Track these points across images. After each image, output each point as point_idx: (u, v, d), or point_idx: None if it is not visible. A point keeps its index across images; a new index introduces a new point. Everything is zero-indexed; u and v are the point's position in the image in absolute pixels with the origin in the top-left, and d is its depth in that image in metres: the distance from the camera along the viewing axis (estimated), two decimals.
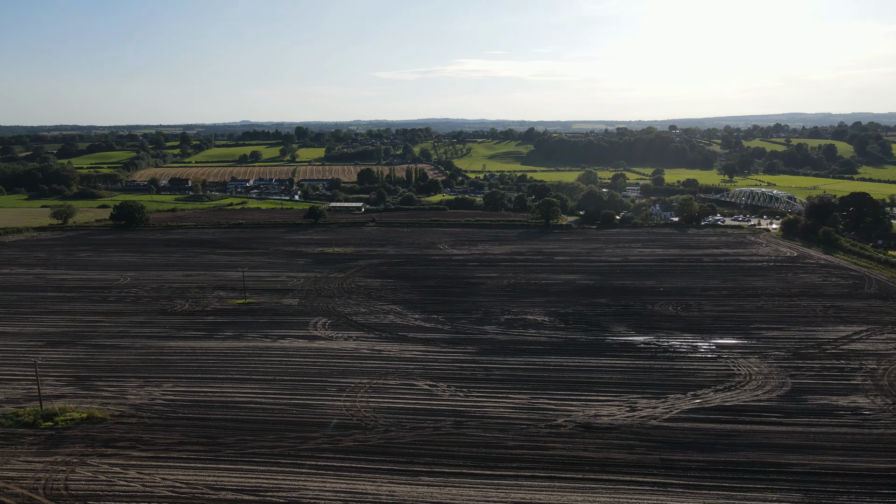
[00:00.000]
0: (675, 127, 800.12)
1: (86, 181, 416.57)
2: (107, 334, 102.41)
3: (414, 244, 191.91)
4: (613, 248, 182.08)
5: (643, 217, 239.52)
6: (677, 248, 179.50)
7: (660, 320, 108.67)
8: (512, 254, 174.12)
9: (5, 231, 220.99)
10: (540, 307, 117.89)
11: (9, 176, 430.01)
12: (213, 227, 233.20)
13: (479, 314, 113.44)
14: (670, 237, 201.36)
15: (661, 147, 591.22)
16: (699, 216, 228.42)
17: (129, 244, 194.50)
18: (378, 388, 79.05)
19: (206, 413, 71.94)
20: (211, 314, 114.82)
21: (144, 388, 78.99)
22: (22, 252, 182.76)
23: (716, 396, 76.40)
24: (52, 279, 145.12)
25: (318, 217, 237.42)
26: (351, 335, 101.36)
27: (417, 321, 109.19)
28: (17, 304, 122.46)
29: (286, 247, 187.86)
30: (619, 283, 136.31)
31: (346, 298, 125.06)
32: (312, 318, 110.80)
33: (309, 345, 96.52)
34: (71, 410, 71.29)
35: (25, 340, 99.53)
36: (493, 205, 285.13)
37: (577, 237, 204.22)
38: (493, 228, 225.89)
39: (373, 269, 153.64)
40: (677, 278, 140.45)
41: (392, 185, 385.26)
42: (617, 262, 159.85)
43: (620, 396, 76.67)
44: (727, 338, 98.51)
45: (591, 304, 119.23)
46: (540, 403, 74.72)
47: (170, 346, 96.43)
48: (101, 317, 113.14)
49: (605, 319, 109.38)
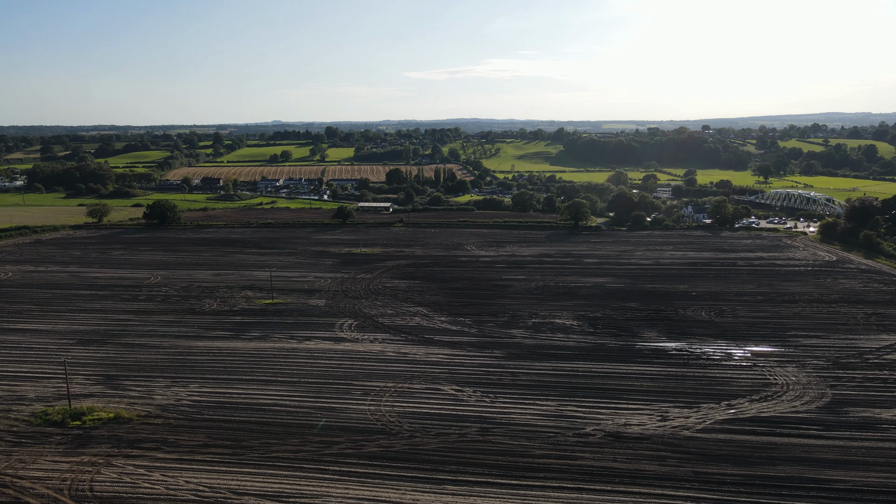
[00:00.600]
0: (708, 127, 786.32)
1: (121, 180, 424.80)
2: (136, 333, 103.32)
3: (441, 245, 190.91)
4: (644, 250, 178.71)
5: (675, 219, 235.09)
6: (710, 252, 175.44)
7: (692, 326, 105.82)
8: (540, 256, 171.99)
9: (43, 229, 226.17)
10: (568, 311, 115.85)
11: (48, 175, 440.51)
12: (243, 226, 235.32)
13: (507, 317, 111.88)
14: (703, 240, 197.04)
15: (693, 147, 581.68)
16: (733, 218, 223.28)
17: (161, 243, 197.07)
18: (403, 392, 78.09)
19: (231, 415, 71.74)
20: (238, 314, 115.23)
21: (171, 389, 79.21)
22: (58, 250, 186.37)
23: (751, 407, 73.76)
24: (85, 277, 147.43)
25: (346, 217, 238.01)
26: (377, 337, 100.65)
27: (444, 324, 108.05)
28: (51, 302, 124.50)
29: (314, 247, 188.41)
30: (650, 287, 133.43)
31: (372, 300, 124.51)
32: (338, 320, 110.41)
33: (334, 347, 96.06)
34: (98, 410, 71.71)
35: (57, 338, 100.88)
36: (521, 206, 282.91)
37: (606, 239, 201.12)
38: (522, 230, 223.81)
39: (400, 271, 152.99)
40: (710, 282, 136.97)
41: (420, 185, 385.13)
42: (648, 266, 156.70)
43: (651, 405, 74.50)
44: (763, 345, 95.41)
45: (620, 309, 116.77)
46: (568, 411, 72.97)
47: (197, 345, 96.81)
48: (132, 315, 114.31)
49: (635, 324, 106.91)
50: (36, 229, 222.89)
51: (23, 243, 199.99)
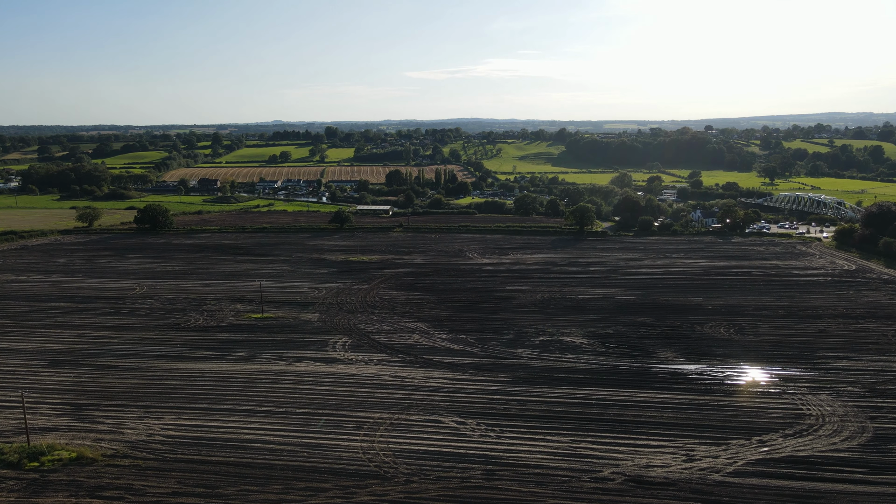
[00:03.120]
0: (711, 127, 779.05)
1: (116, 182, 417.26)
2: (113, 353, 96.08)
3: (442, 252, 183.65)
4: (653, 258, 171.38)
5: (683, 224, 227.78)
6: (722, 259, 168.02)
7: (711, 345, 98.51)
8: (545, 264, 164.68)
9: (30, 234, 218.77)
10: (577, 327, 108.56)
11: (42, 176, 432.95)
12: (237, 231, 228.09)
13: (512, 334, 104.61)
14: (713, 246, 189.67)
15: (696, 148, 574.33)
16: (743, 223, 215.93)
17: (151, 249, 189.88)
18: (400, 425, 70.85)
19: (207, 454, 64.46)
20: (225, 330, 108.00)
21: (144, 421, 71.96)
22: (43, 257, 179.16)
23: (785, 444, 66.47)
24: (67, 287, 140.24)
25: (344, 222, 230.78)
26: (372, 358, 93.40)
27: (444, 342, 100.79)
28: (27, 316, 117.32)
29: (310, 253, 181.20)
30: (663, 300, 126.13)
31: (368, 314, 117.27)
32: (332, 337, 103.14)
33: (326, 369, 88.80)
34: (60, 448, 64.46)
35: (28, 359, 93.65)
36: (524, 209, 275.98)
37: (613, 245, 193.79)
38: (525, 235, 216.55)
39: (398, 280, 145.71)
40: (726, 294, 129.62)
41: (420, 187, 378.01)
42: (658, 275, 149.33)
43: (675, 441, 67.22)
44: (790, 368, 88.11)
45: (633, 325, 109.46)
46: (582, 448, 65.70)
47: (177, 368, 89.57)
48: (111, 332, 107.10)
49: (649, 343, 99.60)
50: (23, 234, 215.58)
51: (7, 249, 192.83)
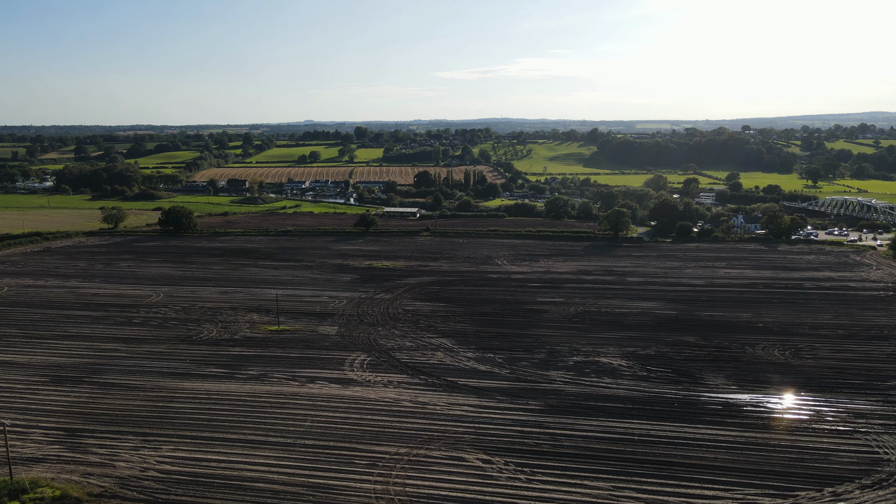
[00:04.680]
0: (749, 127, 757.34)
1: (147, 182, 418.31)
2: (119, 369, 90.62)
3: (469, 258, 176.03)
4: (694, 267, 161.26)
5: (724, 229, 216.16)
6: (770, 269, 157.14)
7: (765, 370, 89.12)
8: (578, 273, 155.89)
9: (55, 236, 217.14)
10: (615, 346, 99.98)
11: (76, 176, 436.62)
12: (261, 234, 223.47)
13: (543, 354, 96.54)
14: (759, 255, 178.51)
15: (734, 149, 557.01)
16: (789, 229, 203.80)
17: (172, 253, 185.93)
18: (418, 463, 63.50)
19: (203, 495, 57.93)
20: (238, 344, 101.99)
21: (139, 452, 65.81)
22: (64, 260, 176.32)
23: (864, 498, 57.43)
24: (83, 294, 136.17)
25: (370, 225, 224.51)
26: (392, 379, 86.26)
27: (470, 362, 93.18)
28: (38, 325, 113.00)
29: (333, 259, 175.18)
30: (708, 315, 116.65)
31: (390, 328, 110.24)
32: (350, 354, 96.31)
33: (342, 392, 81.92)
34: (45, 484, 58.64)
35: (30, 374, 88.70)
36: (555, 212, 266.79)
37: (650, 252, 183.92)
38: (556, 240, 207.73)
39: (423, 290, 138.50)
40: (777, 310, 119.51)
41: (449, 188, 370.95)
42: (701, 287, 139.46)
43: (732, 490, 58.63)
44: (858, 399, 78.51)
45: (676, 344, 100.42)
46: (625, 498, 57.54)
47: (183, 387, 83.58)
48: (120, 344, 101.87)
49: (696, 367, 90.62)
50: (47, 236, 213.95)
51: (31, 252, 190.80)
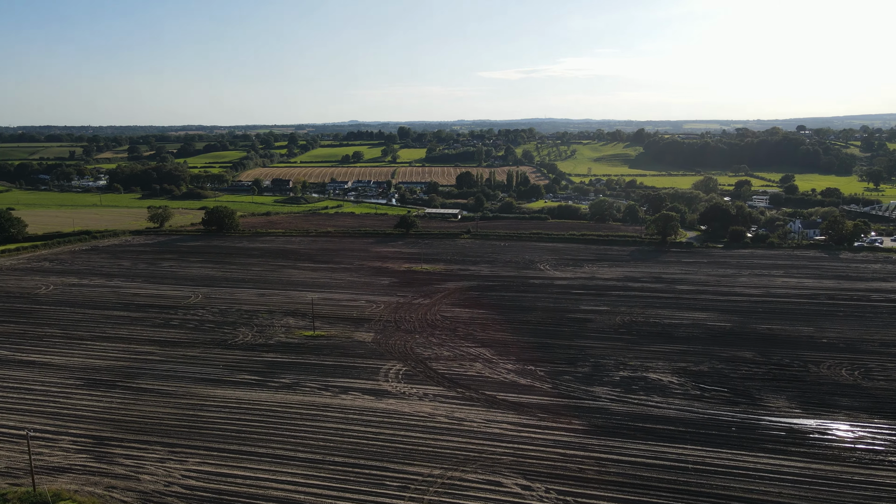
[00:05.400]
0: (804, 127, 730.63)
1: (194, 181, 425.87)
2: (153, 373, 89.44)
3: (511, 262, 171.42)
4: (749, 275, 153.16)
5: (780, 235, 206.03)
6: (832, 279, 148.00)
7: (832, 392, 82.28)
8: (624, 279, 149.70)
9: (103, 234, 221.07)
10: (664, 360, 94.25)
11: (127, 175, 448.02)
12: (301, 234, 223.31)
13: (588, 367, 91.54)
14: (819, 263, 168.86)
15: (788, 150, 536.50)
16: (851, 236, 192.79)
17: (213, 253, 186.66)
18: (453, 487, 59.64)
19: None
20: (273, 350, 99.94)
21: (165, 465, 63.70)
22: (109, 259, 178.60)
23: None
24: (124, 294, 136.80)
25: (410, 227, 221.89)
26: (427, 392, 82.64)
27: (510, 374, 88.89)
28: (79, 325, 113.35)
29: (372, 261, 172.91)
30: (765, 328, 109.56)
31: (427, 335, 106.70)
32: (385, 364, 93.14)
33: (375, 404, 78.68)
34: (67, 497, 56.92)
35: (66, 377, 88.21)
36: (599, 215, 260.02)
37: (700, 259, 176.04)
38: (601, 244, 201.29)
39: (462, 295, 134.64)
40: (842, 324, 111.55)
41: (491, 189, 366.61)
42: (757, 297, 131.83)
43: None
44: None
45: (731, 360, 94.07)
46: None
47: (215, 395, 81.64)
48: (156, 347, 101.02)
49: (754, 386, 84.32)
50: (96, 235, 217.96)
51: (79, 250, 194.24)
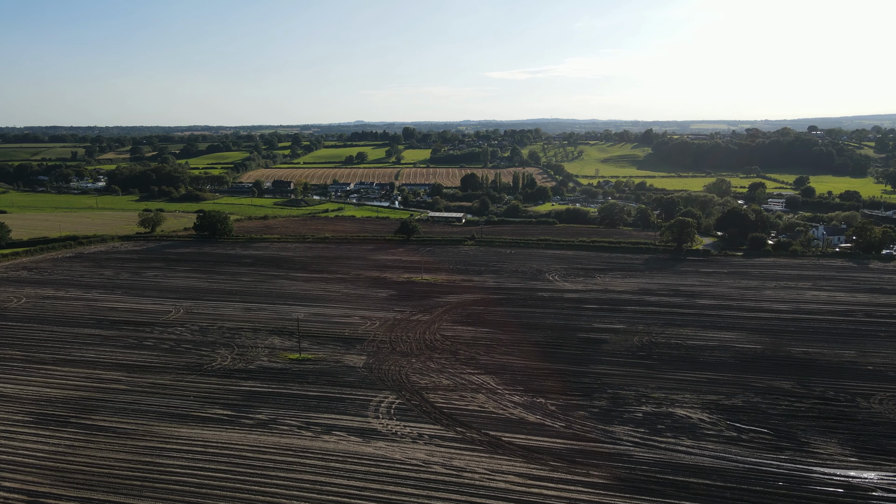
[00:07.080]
0: (816, 127, 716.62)
1: (194, 183, 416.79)
2: (113, 407, 79.17)
3: (517, 272, 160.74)
4: (774, 287, 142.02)
5: (803, 242, 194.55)
6: (866, 293, 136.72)
7: (890, 434, 71.30)
8: (640, 292, 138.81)
9: (90, 240, 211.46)
10: (691, 392, 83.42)
11: (126, 177, 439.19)
12: (298, 240, 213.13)
13: (605, 400, 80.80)
14: (848, 273, 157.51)
15: (800, 151, 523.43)
16: (880, 243, 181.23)
17: (203, 261, 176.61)
18: None
19: None
20: (252, 376, 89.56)
21: None
22: (91, 268, 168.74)
23: None
24: (99, 308, 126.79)
25: (411, 233, 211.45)
26: (423, 432, 72.07)
27: (517, 409, 78.25)
28: (42, 346, 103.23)
29: (369, 271, 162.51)
30: (800, 352, 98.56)
31: (425, 359, 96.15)
32: (376, 395, 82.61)
33: (362, 448, 68.13)
34: None
35: (14, 412, 77.99)
36: (609, 219, 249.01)
37: (720, 268, 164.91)
38: (613, 252, 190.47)
39: (465, 311, 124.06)
40: (887, 347, 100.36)
41: (497, 191, 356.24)
42: (787, 314, 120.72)
43: None
44: None
45: (769, 392, 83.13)
46: None
47: (179, 434, 71.25)
48: (123, 373, 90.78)
49: (798, 426, 73.41)
50: (82, 240, 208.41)
51: (62, 258, 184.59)
